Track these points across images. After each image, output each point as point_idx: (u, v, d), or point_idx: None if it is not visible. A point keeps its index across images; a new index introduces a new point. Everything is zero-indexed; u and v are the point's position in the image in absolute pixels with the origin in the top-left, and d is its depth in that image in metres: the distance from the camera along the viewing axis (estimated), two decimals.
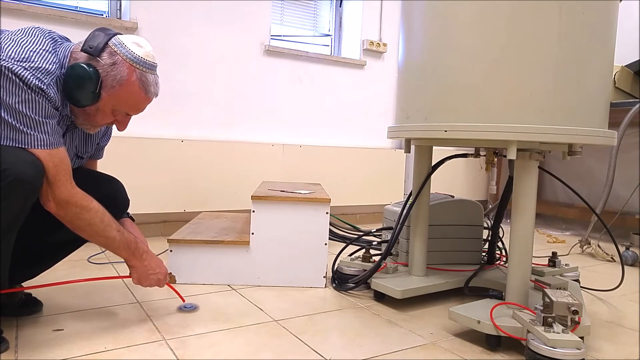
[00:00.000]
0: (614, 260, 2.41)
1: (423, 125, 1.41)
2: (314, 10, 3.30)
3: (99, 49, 1.16)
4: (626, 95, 2.68)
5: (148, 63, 1.21)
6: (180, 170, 2.57)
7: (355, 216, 3.28)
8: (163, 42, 2.55)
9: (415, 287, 1.59)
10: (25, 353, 1.16)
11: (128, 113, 1.26)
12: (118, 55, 1.17)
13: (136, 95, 1.21)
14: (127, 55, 1.18)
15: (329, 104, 3.18)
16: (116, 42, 1.18)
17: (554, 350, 1.11)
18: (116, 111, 1.24)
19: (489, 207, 3.45)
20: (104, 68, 1.16)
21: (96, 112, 1.22)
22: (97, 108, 1.21)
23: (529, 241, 1.39)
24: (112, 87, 1.18)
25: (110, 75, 1.17)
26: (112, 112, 1.23)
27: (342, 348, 1.27)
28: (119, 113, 1.25)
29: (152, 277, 1.36)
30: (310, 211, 1.75)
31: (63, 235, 1.28)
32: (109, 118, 1.25)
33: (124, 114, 1.26)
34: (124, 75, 1.17)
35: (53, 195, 1.12)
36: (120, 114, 1.25)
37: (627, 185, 2.95)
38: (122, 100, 1.21)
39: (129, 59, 1.18)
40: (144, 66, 1.20)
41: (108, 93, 1.18)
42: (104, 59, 1.16)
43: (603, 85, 1.34)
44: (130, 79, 1.18)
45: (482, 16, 1.29)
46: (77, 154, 1.36)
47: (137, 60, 1.19)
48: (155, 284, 1.38)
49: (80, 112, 1.22)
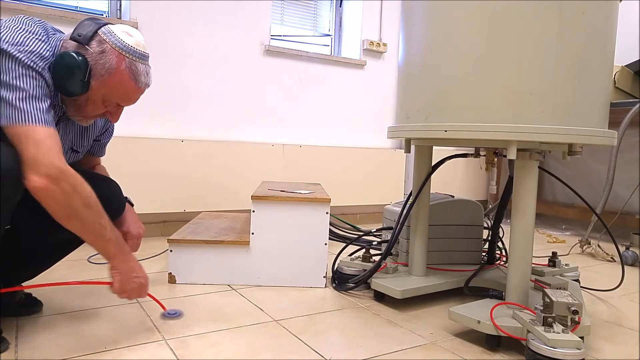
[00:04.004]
0: (614, 260, 2.41)
1: (423, 125, 1.41)
2: (314, 10, 3.30)
3: (87, 37, 1.14)
4: (626, 95, 2.68)
5: (138, 52, 1.19)
6: (180, 170, 2.57)
7: (355, 216, 3.28)
8: (163, 42, 2.55)
9: (415, 287, 1.59)
10: (25, 353, 1.16)
11: (119, 104, 1.23)
12: (107, 43, 1.15)
13: (126, 84, 1.18)
14: (116, 43, 1.15)
15: (329, 104, 3.18)
16: (105, 31, 1.16)
17: (554, 350, 1.11)
18: (107, 101, 1.21)
19: (489, 207, 3.45)
20: (92, 56, 1.14)
21: (86, 103, 1.19)
22: (87, 98, 1.18)
23: (529, 241, 1.39)
24: (102, 75, 1.15)
25: (99, 63, 1.14)
26: (102, 102, 1.20)
27: (342, 348, 1.27)
28: (110, 103, 1.22)
29: (135, 281, 1.24)
30: (310, 211, 1.75)
31: (61, 235, 1.28)
32: (99, 109, 1.22)
33: (115, 105, 1.23)
34: (113, 63, 1.15)
35: (45, 169, 1.05)
36: (112, 105, 1.23)
37: (627, 185, 2.95)
38: (112, 89, 1.18)
39: (118, 48, 1.15)
40: (133, 55, 1.17)
41: (97, 82, 1.16)
42: (92, 47, 1.14)
43: (603, 85, 1.34)
44: (119, 67, 1.16)
45: (482, 16, 1.29)
46: (73, 148, 1.34)
47: (126, 49, 1.16)
48: (137, 293, 1.25)
49: (71, 102, 1.20)
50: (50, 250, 1.40)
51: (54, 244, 1.38)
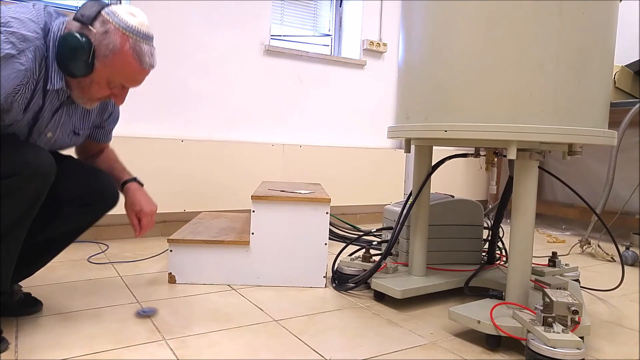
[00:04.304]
0: (614, 260, 2.41)
1: (423, 125, 1.41)
2: (314, 10, 3.30)
3: (91, 18, 1.13)
4: (626, 95, 2.68)
5: (142, 32, 1.18)
6: (180, 170, 2.56)
7: (355, 216, 3.28)
8: (163, 42, 2.55)
9: (415, 287, 1.59)
10: (25, 353, 1.16)
11: (124, 85, 1.22)
12: (110, 23, 1.14)
13: (130, 65, 1.17)
14: (120, 24, 1.14)
15: (329, 104, 3.18)
16: (109, 11, 1.15)
17: (554, 350, 1.11)
18: (111, 83, 1.20)
19: (489, 207, 3.45)
20: (96, 37, 1.13)
21: (91, 84, 1.19)
22: (91, 80, 1.18)
23: (529, 241, 1.39)
24: (105, 56, 1.14)
25: (102, 44, 1.14)
26: (107, 84, 1.20)
27: (342, 348, 1.27)
28: (115, 85, 1.21)
29: None
30: (310, 211, 1.75)
31: (52, 232, 1.27)
32: (104, 90, 1.21)
33: (120, 86, 1.22)
34: (117, 44, 1.14)
35: None
36: (116, 87, 1.22)
37: (627, 185, 2.95)
38: (116, 70, 1.17)
39: (122, 28, 1.14)
40: (137, 35, 1.16)
41: (101, 63, 1.15)
42: (96, 27, 1.13)
43: (603, 85, 1.34)
44: (123, 48, 1.15)
45: (482, 16, 1.29)
46: (74, 130, 1.33)
47: (130, 29, 1.15)
48: None
49: (75, 84, 1.19)
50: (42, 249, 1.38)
51: (45, 242, 1.36)
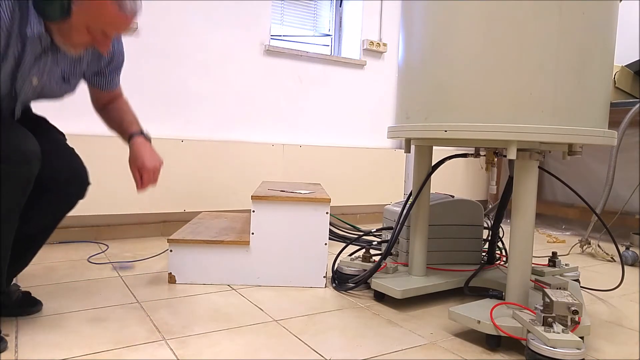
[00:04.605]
0: (614, 260, 2.41)
1: (423, 125, 1.42)
2: (314, 10, 3.30)
3: None
4: (626, 95, 2.68)
5: None
6: (180, 170, 2.57)
7: (355, 216, 3.28)
8: (163, 42, 2.55)
9: (415, 287, 1.59)
10: (25, 353, 1.16)
11: (105, 32, 1.18)
12: None
13: (108, 10, 1.12)
14: None
15: (329, 104, 3.18)
16: None
17: (554, 350, 1.11)
18: (91, 29, 1.16)
19: (489, 207, 3.45)
20: None
21: (70, 30, 1.15)
22: (70, 25, 1.14)
23: (529, 241, 1.39)
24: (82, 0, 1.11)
25: None
26: (86, 29, 1.16)
27: (342, 348, 1.27)
28: (96, 32, 1.17)
29: None
30: (310, 211, 1.75)
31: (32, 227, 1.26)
32: (85, 36, 1.17)
33: (101, 33, 1.18)
34: None
35: None
36: (98, 33, 1.18)
37: (627, 185, 2.95)
38: (94, 16, 1.14)
39: None
40: None
41: (78, 7, 1.12)
42: None
43: (603, 85, 1.34)
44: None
45: (482, 16, 1.29)
46: (63, 77, 1.31)
47: None
48: None
49: (55, 29, 1.16)
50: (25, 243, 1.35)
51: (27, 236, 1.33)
